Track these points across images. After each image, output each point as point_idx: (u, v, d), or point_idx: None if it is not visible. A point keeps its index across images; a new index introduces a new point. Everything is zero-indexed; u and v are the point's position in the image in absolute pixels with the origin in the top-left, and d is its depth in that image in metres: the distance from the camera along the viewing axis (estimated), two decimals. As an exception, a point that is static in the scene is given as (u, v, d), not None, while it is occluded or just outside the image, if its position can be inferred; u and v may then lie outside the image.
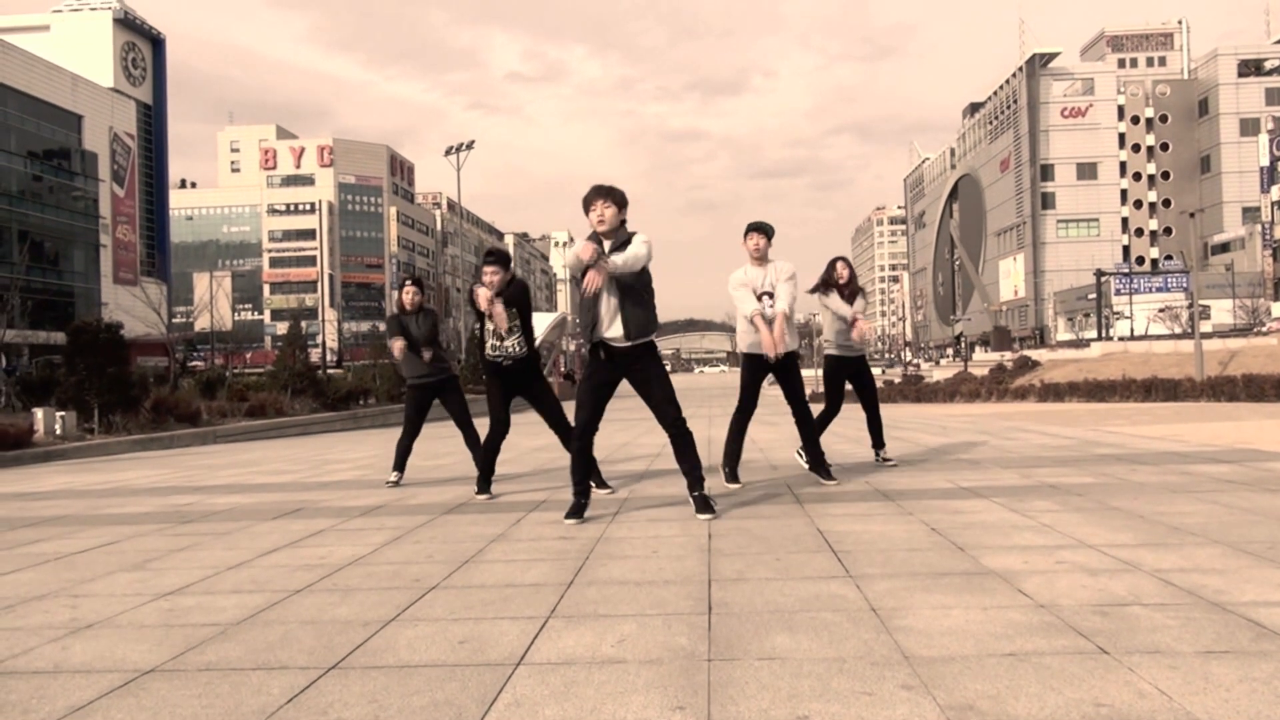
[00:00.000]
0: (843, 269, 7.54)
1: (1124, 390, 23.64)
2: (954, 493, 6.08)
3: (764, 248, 6.38)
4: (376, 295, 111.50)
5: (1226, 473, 6.58)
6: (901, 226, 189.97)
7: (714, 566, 4.05)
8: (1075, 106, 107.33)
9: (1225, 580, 3.48)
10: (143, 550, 5.07)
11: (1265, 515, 4.83)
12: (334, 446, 14.54)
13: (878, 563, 4.00)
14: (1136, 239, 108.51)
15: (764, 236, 6.39)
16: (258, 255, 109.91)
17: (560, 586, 3.79)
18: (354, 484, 8.25)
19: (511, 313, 6.47)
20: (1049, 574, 3.67)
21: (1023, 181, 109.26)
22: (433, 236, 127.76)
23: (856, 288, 7.56)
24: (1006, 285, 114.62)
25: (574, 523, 5.32)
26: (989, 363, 46.64)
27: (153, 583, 4.19)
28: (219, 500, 7.31)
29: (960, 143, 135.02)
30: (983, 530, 4.67)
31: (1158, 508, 5.17)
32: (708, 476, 5.69)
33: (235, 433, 19.60)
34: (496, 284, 6.51)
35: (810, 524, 5.04)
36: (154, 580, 4.25)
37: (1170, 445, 8.81)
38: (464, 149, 52.35)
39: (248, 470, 10.24)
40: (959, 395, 29.50)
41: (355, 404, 28.62)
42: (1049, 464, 7.61)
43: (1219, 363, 26.78)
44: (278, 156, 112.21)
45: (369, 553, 4.73)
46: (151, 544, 5.27)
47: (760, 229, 6.40)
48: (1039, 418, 15.14)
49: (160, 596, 3.91)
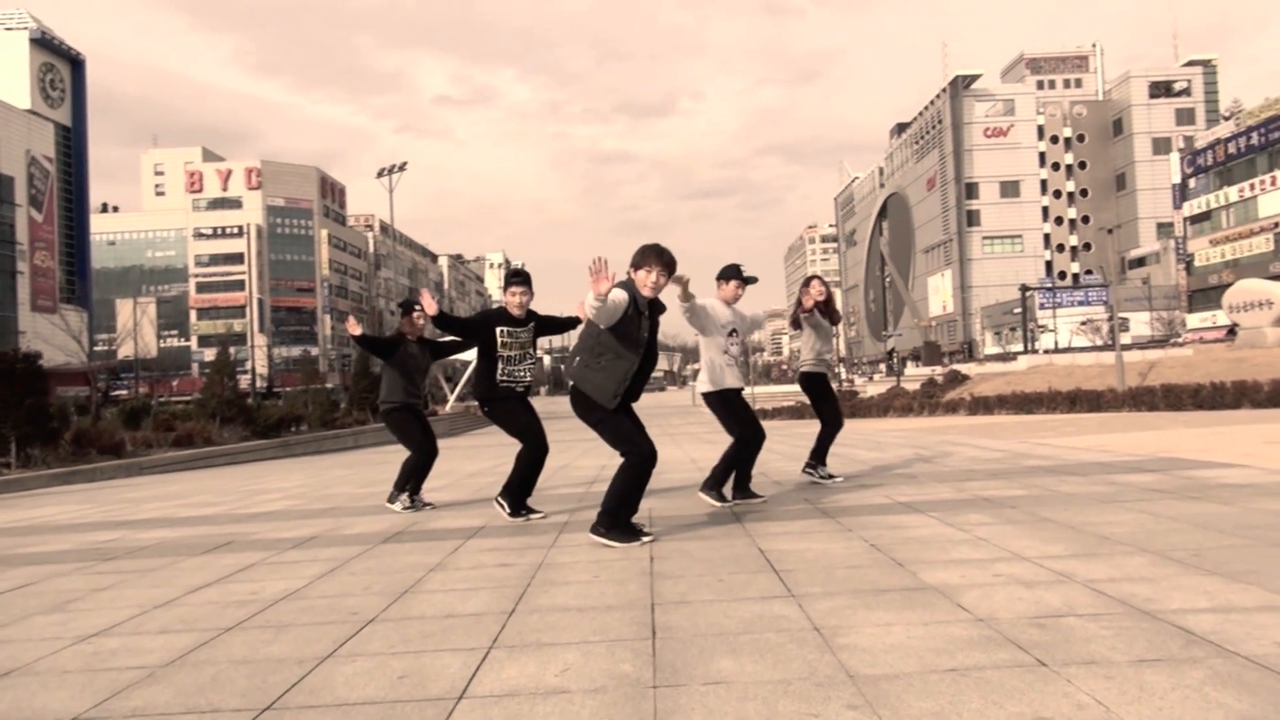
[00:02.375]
0: (819, 288, 7.75)
1: (1050, 402, 24.24)
2: (892, 508, 6.15)
3: (741, 298, 6.74)
4: (308, 320, 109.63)
5: (1151, 481, 6.77)
6: (833, 244, 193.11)
7: (656, 590, 4.02)
8: (997, 126, 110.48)
9: (1154, 589, 3.56)
10: (63, 591, 4.87)
11: (1188, 522, 4.97)
12: (264, 476, 14.20)
13: (819, 581, 4.02)
14: (1058, 254, 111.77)
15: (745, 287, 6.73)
16: (184, 280, 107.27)
17: (502, 615, 3.73)
18: (285, 514, 8.05)
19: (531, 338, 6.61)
20: (986, 587, 3.73)
21: (949, 199, 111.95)
22: (365, 259, 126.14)
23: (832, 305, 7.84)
24: (935, 301, 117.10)
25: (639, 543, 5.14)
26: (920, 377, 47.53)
27: (74, 625, 4.02)
28: (144, 535, 7.07)
29: (888, 162, 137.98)
30: (920, 545, 4.72)
31: (1087, 518, 5.29)
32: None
33: (161, 464, 19.03)
34: (524, 305, 6.54)
35: (752, 544, 5.05)
36: (75, 622, 4.08)
37: (1097, 455, 9.04)
38: (396, 171, 51.89)
39: (174, 503, 9.93)
40: (892, 410, 29.96)
41: (287, 431, 28.03)
42: (982, 477, 7.75)
43: (1139, 374, 27.63)
44: (204, 179, 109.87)
45: (303, 586, 4.61)
46: (72, 584, 5.07)
47: (750, 282, 6.74)
48: (970, 431, 15.44)
49: (82, 639, 3.75)
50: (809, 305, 7.63)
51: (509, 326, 6.52)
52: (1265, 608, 3.20)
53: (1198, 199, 79.04)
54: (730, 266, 6.74)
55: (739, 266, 6.74)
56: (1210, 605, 3.27)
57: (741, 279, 6.68)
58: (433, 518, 7.05)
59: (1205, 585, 3.57)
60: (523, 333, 6.58)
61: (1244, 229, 73.42)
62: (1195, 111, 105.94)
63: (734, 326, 6.62)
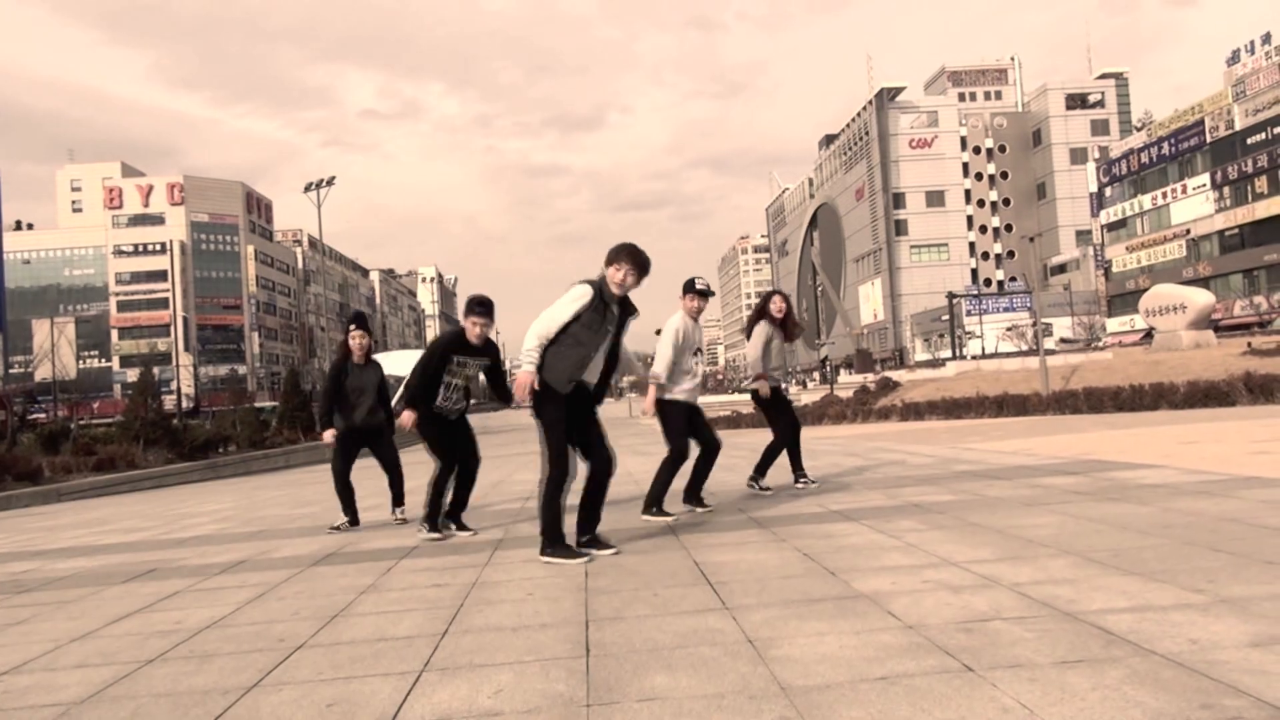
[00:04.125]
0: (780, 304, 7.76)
1: (979, 407, 24.80)
2: (825, 517, 6.22)
3: (703, 310, 6.78)
4: (235, 338, 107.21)
5: (1073, 484, 6.96)
6: (765, 255, 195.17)
7: (591, 606, 4.01)
8: (921, 138, 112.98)
9: (1076, 590, 3.65)
10: (-26, 626, 4.67)
11: (1108, 523, 5.12)
12: (190, 499, 13.83)
13: (753, 592, 4.04)
14: (983, 262, 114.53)
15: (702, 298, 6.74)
16: (104, 299, 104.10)
17: (434, 637, 3.68)
18: (213, 539, 7.85)
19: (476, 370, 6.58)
20: (916, 594, 3.79)
21: (877, 209, 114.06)
22: (294, 275, 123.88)
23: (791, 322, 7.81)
24: (867, 309, 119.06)
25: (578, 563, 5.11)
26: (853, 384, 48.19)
27: (-15, 662, 3.86)
28: (61, 565, 6.82)
29: (818, 173, 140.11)
30: (853, 554, 4.78)
31: (1013, 521, 5.42)
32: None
33: (82, 489, 18.40)
34: (483, 336, 6.48)
35: (687, 556, 5.06)
36: (-13, 659, 3.91)
37: (1022, 460, 9.26)
38: (324, 185, 51.11)
39: (94, 530, 9.62)
40: (826, 418, 30.34)
41: (215, 452, 27.33)
42: (913, 483, 7.88)
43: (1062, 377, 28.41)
44: (124, 195, 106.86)
45: (229, 613, 4.49)
46: (-16, 618, 4.86)
47: (709, 295, 6.78)
48: (902, 437, 15.71)
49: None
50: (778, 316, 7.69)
51: (462, 355, 6.46)
52: (1180, 605, 3.31)
53: (1113, 207, 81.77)
54: (688, 280, 6.78)
55: (693, 280, 6.80)
56: (1129, 605, 3.37)
57: (694, 291, 6.70)
58: (365, 538, 6.94)
59: (1124, 585, 3.68)
60: (473, 365, 6.52)
61: (1158, 235, 76.12)
62: (1110, 122, 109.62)
63: (697, 345, 6.70)
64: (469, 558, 5.60)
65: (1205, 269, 70.43)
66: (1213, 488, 6.19)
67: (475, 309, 6.50)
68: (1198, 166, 71.89)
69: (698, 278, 6.79)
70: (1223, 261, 69.76)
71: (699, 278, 6.79)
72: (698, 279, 6.76)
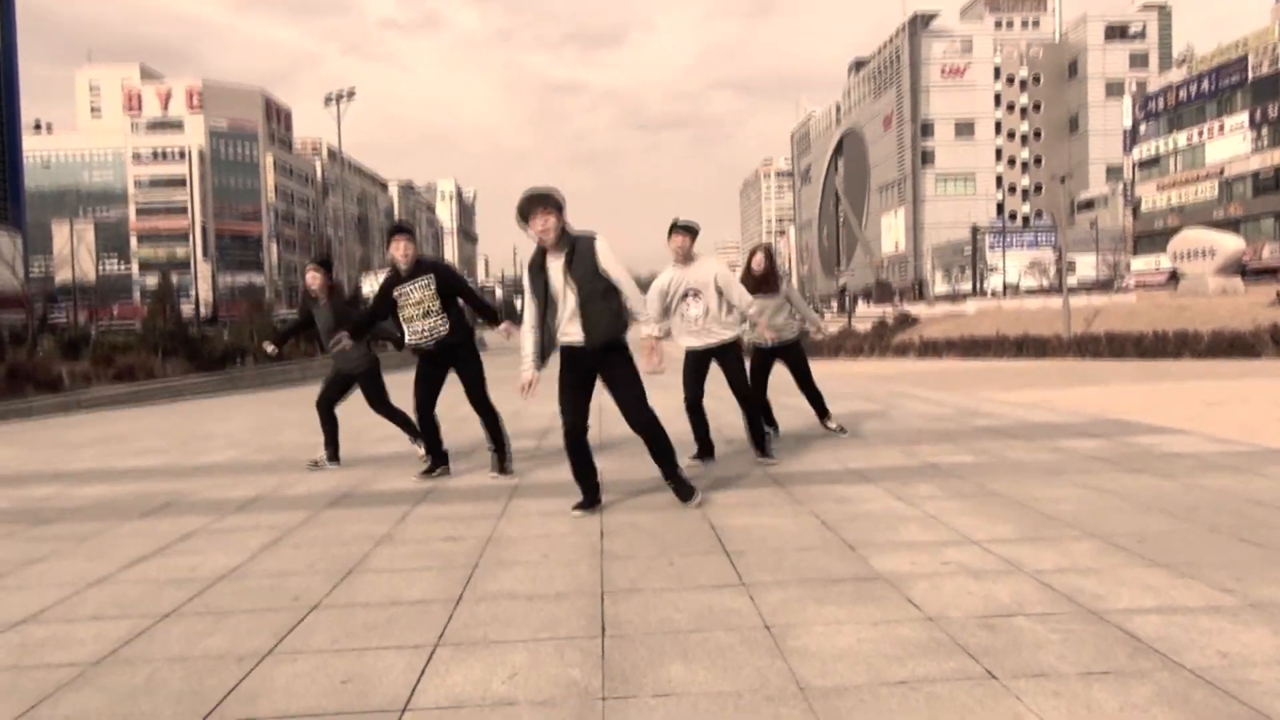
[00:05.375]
0: (759, 260, 7.54)
1: (998, 347, 24.62)
2: (842, 476, 6.16)
3: (688, 248, 6.51)
4: (254, 247, 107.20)
5: (1095, 449, 6.86)
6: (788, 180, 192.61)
7: (607, 574, 3.98)
8: (954, 65, 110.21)
9: (1100, 582, 3.59)
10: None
11: (1131, 500, 5.04)
12: (207, 417, 13.91)
13: (770, 566, 4.00)
14: (1010, 196, 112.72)
15: (689, 236, 6.49)
16: (123, 204, 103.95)
17: (448, 603, 3.66)
18: (229, 468, 7.88)
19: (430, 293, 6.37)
20: (935, 577, 3.73)
21: (904, 138, 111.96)
22: (313, 186, 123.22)
23: (771, 278, 7.56)
24: (888, 239, 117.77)
25: (581, 514, 5.19)
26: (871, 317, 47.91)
27: (3, 607, 3.88)
28: (80, 492, 6.87)
29: (845, 99, 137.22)
30: (870, 524, 4.73)
31: (1033, 492, 5.34)
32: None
33: (101, 400, 18.58)
34: (408, 256, 6.39)
35: (703, 518, 5.02)
36: (4, 603, 3.93)
37: (1042, 415, 9.15)
38: (345, 98, 50.41)
39: (112, 449, 9.69)
40: (843, 351, 30.22)
41: (232, 364, 27.51)
42: (930, 439, 7.81)
43: (1084, 320, 28.10)
44: (142, 99, 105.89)
45: (244, 561, 4.49)
46: (3, 554, 4.90)
47: (686, 229, 6.47)
48: (920, 380, 15.59)
49: (10, 627, 3.62)
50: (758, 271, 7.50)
51: (399, 285, 6.41)
52: (1208, 609, 3.24)
53: (1147, 144, 79.87)
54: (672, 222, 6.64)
55: (675, 220, 6.66)
56: (1155, 604, 3.30)
57: (677, 228, 6.54)
58: (380, 478, 6.94)
59: (1150, 579, 3.61)
60: (413, 289, 6.40)
61: (1190, 174, 74.49)
62: (1149, 56, 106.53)
63: (689, 288, 6.53)
64: (484, 507, 5.58)
65: (1236, 210, 69.08)
66: (1239, 461, 6.08)
67: (394, 233, 6.48)
68: (1237, 104, 69.91)
69: (678, 218, 6.64)
70: (1255, 204, 68.36)
71: (679, 218, 6.63)
72: (678, 219, 6.62)
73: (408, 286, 6.40)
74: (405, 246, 6.39)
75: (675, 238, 6.49)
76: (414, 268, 6.43)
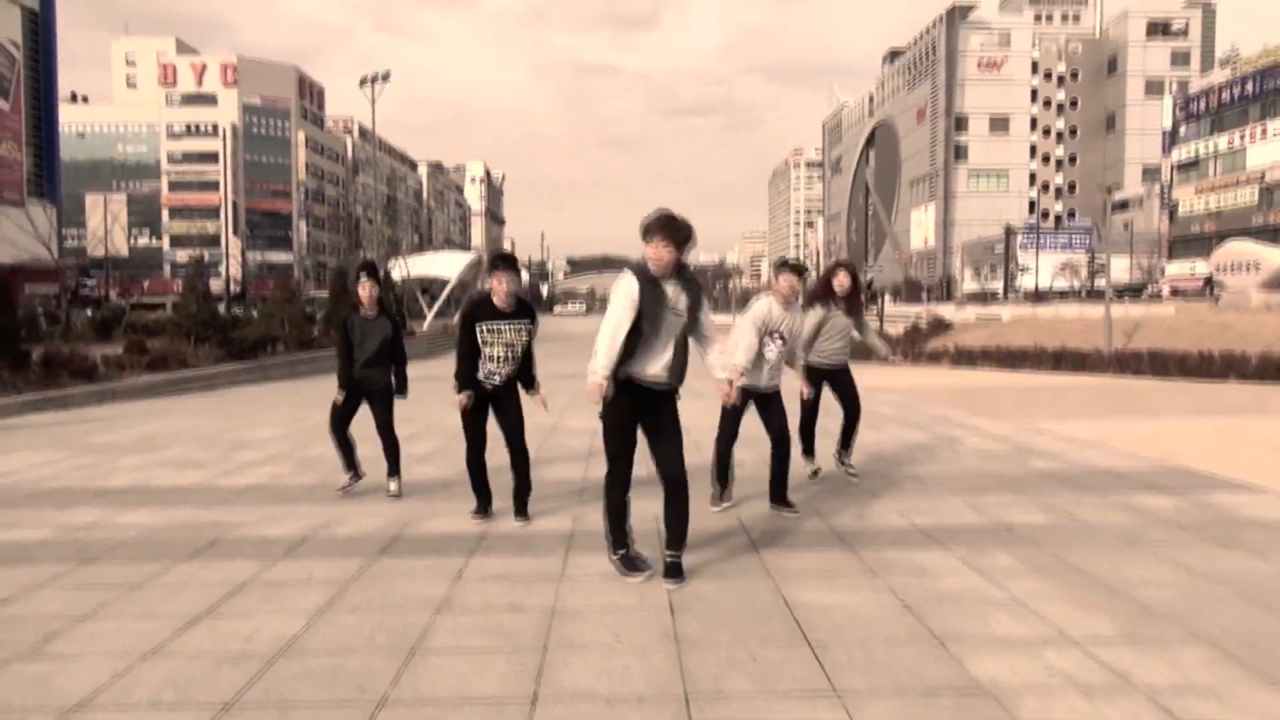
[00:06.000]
0: (843, 280, 7.36)
1: (1035, 359, 24.23)
2: (911, 537, 5.93)
3: (800, 290, 6.48)
4: (283, 224, 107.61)
5: (1172, 511, 6.58)
6: (818, 171, 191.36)
7: (686, 667, 3.77)
8: (991, 59, 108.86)
9: (1223, 710, 3.34)
10: (40, 618, 4.52)
11: (1228, 586, 4.78)
12: (240, 414, 13.81)
13: (859, 665, 3.78)
14: (1043, 194, 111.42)
15: (799, 277, 6.42)
16: (155, 177, 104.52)
17: (523, 703, 3.46)
18: (269, 493, 7.72)
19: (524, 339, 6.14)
20: (1042, 693, 3.50)
21: (937, 132, 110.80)
22: (343, 164, 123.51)
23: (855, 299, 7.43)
24: (917, 234, 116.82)
25: (639, 579, 4.93)
26: (900, 316, 47.50)
27: (54, 686, 3.70)
28: (124, 520, 6.72)
29: (879, 90, 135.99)
30: (955, 609, 4.49)
31: (1118, 571, 5.09)
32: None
33: (135, 390, 18.57)
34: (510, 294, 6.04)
35: (774, 588, 4.80)
36: (56, 680, 3.76)
37: (1104, 458, 8.87)
38: (380, 80, 50.30)
39: (150, 459, 9.56)
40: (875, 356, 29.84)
41: (263, 353, 27.54)
42: (992, 486, 7.56)
43: (1124, 333, 27.64)
44: (177, 73, 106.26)
45: (301, 630, 4.31)
46: (50, 606, 4.73)
47: (796, 270, 6.42)
48: (960, 398, 15.30)
49: (69, 711, 3.45)
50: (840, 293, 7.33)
51: (489, 322, 6.03)
52: (1354, 761, 2.99)
53: (1187, 145, 78.56)
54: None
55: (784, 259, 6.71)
56: (1293, 750, 3.06)
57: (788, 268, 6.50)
58: (428, 514, 6.76)
59: (1273, 708, 3.36)
60: (508, 329, 6.04)
61: (1230, 179, 73.23)
62: (1191, 55, 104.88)
63: (782, 333, 6.39)
64: (542, 563, 5.38)
65: (1276, 218, 67.85)
66: (1330, 536, 5.79)
67: (498, 264, 6.07)
68: (1281, 109, 68.62)
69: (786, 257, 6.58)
70: (1296, 211, 67.13)
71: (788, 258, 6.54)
72: (787, 258, 6.53)
73: (503, 324, 6.03)
74: (509, 284, 6.02)
75: (784, 278, 6.36)
76: (516, 306, 6.10)
